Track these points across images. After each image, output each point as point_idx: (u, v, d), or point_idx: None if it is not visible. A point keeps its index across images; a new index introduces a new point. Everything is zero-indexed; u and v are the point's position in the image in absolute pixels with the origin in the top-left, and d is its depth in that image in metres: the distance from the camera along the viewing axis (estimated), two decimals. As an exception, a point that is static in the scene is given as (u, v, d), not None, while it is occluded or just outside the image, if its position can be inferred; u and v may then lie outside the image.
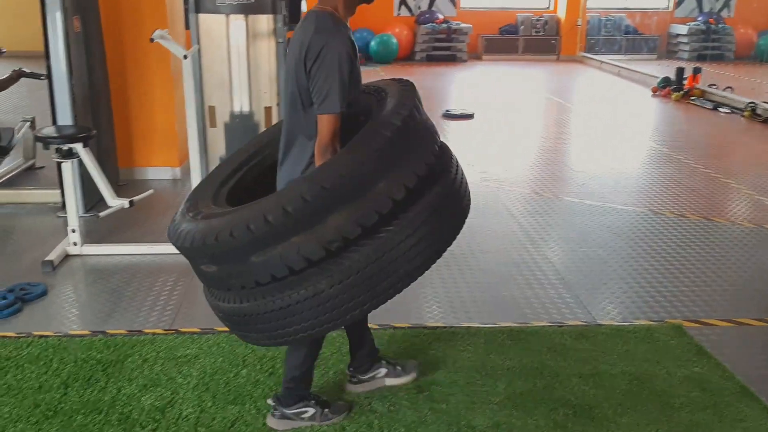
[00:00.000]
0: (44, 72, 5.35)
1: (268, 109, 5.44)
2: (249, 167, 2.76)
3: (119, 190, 5.01)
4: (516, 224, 5.00)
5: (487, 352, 3.24)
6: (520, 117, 9.39)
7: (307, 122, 2.34)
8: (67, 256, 4.28)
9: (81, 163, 4.22)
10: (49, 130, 4.26)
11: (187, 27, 5.81)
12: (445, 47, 14.71)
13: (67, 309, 3.70)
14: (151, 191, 4.52)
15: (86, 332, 3.40)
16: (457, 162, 2.45)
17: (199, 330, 3.43)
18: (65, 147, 4.06)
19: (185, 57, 3.85)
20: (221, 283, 2.29)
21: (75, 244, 4.27)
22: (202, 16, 5.15)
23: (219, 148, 5.53)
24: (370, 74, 12.65)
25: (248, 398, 2.86)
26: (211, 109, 5.35)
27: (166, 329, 3.45)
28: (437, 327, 3.49)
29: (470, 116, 8.86)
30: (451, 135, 7.96)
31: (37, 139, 4.12)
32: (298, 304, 2.13)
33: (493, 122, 8.84)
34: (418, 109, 2.29)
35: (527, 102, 10.67)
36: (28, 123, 6.16)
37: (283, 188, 2.21)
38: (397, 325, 3.48)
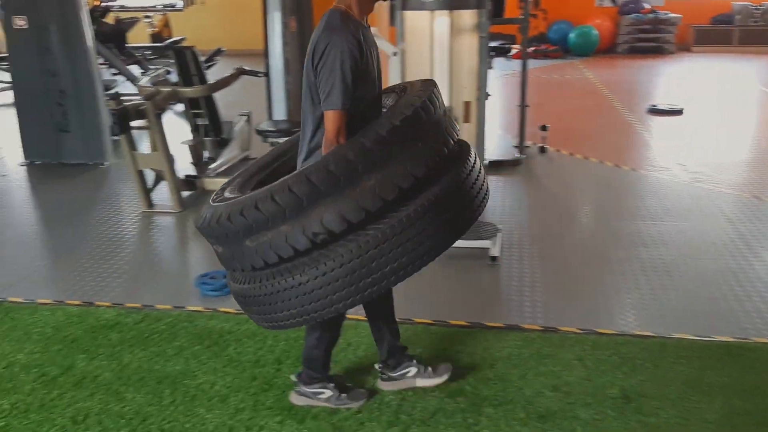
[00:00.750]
0: (261, 70, 5.77)
1: (467, 104, 5.45)
2: (285, 159, 2.83)
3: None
4: (733, 230, 4.59)
5: (702, 367, 3.01)
6: (736, 113, 8.61)
7: (314, 116, 2.45)
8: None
9: (293, 155, 4.49)
10: (267, 124, 4.58)
11: (391, 23, 5.98)
12: (650, 38, 13.87)
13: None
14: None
15: (295, 314, 3.62)
16: (473, 164, 2.37)
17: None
18: (281, 140, 4.35)
19: (395, 54, 3.95)
20: (227, 264, 2.42)
21: (285, 230, 4.56)
22: (407, 13, 5.27)
23: (418, 142, 5.64)
24: (566, 68, 12.26)
25: (456, 391, 2.87)
26: (413, 103, 5.48)
27: (365, 317, 3.56)
28: (645, 336, 3.29)
29: (679, 112, 8.28)
30: (657, 132, 7.49)
31: (257, 132, 4.44)
32: (286, 291, 2.21)
33: (705, 118, 8.20)
34: (426, 109, 2.25)
35: (743, 97, 9.75)
36: (245, 117, 6.68)
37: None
38: (601, 330, 3.34)
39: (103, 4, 10.95)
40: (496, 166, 6.01)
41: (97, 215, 5.23)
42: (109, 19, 10.81)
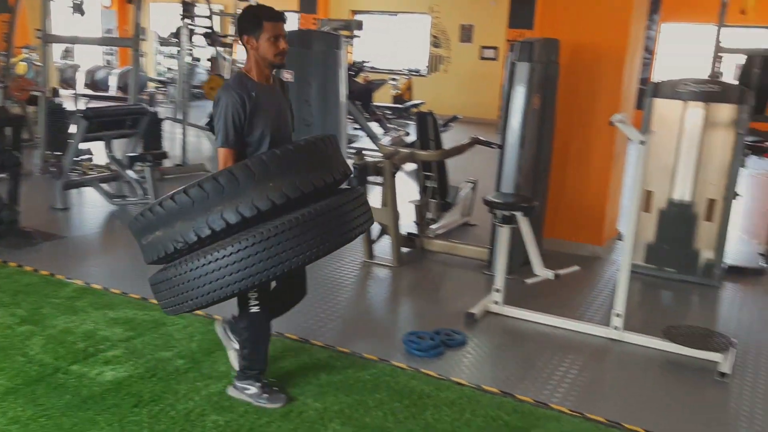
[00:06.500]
0: (495, 141, 5.85)
1: (711, 202, 5.09)
2: None
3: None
4: None
5: None
6: None
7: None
8: (487, 312, 4.54)
9: (514, 229, 4.45)
10: (495, 196, 4.60)
11: (638, 107, 5.80)
12: None
13: (481, 363, 3.91)
14: (576, 267, 4.55)
15: (496, 390, 3.53)
16: (356, 197, 2.91)
17: (605, 420, 3.29)
18: (507, 213, 4.34)
19: (642, 143, 3.81)
20: (156, 249, 2.79)
21: (496, 302, 4.52)
22: (658, 101, 5.09)
23: (648, 233, 5.35)
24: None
25: None
26: (649, 193, 5.21)
27: (572, 410, 3.39)
28: None
29: None
30: None
31: (484, 202, 4.47)
32: (203, 267, 2.63)
33: None
34: (308, 147, 2.82)
35: None
36: (471, 184, 6.80)
37: None
38: None
39: (358, 64, 11.87)
40: (735, 273, 5.49)
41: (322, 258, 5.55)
42: (360, 78, 11.69)
